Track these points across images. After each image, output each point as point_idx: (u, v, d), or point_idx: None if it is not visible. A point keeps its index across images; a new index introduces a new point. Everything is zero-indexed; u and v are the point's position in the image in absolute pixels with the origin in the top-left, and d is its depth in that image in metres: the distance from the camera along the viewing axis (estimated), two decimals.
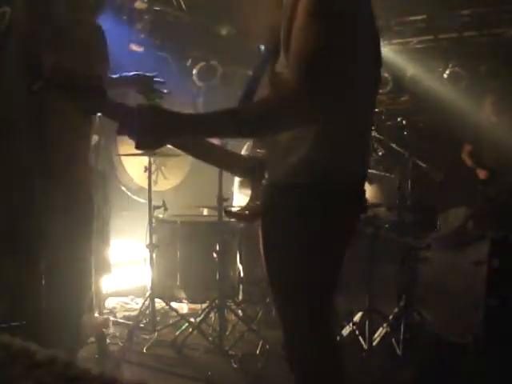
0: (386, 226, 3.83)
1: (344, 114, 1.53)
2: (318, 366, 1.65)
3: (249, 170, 1.74)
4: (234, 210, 2.69)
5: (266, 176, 1.65)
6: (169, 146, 1.62)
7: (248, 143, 3.27)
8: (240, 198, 4.06)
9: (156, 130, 1.42)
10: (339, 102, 1.49)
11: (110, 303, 4.19)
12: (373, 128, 3.72)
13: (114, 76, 2.56)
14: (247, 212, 1.79)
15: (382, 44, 1.71)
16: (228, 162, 1.80)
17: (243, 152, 2.97)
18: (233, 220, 3.36)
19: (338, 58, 1.44)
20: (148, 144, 1.44)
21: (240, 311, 3.73)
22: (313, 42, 1.41)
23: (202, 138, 1.63)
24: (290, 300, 1.65)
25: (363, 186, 1.69)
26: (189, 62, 5.88)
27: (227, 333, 3.49)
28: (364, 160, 1.69)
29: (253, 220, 1.76)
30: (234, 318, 3.65)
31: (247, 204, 1.82)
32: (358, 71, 1.51)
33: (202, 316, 3.54)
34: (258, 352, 3.26)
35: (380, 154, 3.57)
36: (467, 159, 4.85)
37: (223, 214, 3.26)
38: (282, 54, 1.56)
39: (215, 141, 1.77)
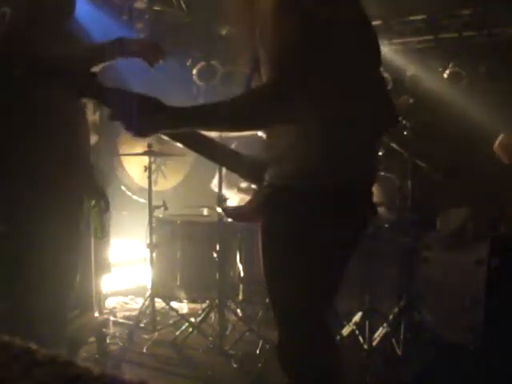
0: (386, 225, 3.83)
1: (337, 114, 1.53)
2: (311, 366, 1.64)
3: (250, 171, 1.74)
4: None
5: (266, 177, 1.66)
6: (178, 144, 1.63)
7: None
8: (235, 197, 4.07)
9: (150, 118, 1.44)
10: (321, 98, 1.50)
11: (110, 303, 4.19)
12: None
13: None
14: (245, 212, 1.80)
15: (381, 44, 1.71)
16: (231, 162, 1.80)
17: None
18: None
19: (312, 54, 1.46)
20: (140, 130, 1.45)
21: (240, 311, 3.73)
22: (283, 41, 1.44)
23: (194, 130, 1.64)
24: (283, 299, 1.66)
25: (365, 187, 1.68)
26: (189, 62, 5.88)
27: (227, 333, 3.48)
28: (365, 162, 1.67)
29: (251, 220, 1.76)
30: (234, 317, 3.65)
31: (247, 204, 1.82)
32: (343, 70, 1.52)
33: (202, 316, 3.55)
34: (257, 352, 3.26)
35: (380, 153, 3.56)
36: (503, 154, 3.96)
37: (223, 213, 3.25)
38: (261, 52, 1.57)
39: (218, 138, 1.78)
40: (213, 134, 1.72)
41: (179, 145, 1.66)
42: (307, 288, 1.61)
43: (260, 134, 1.76)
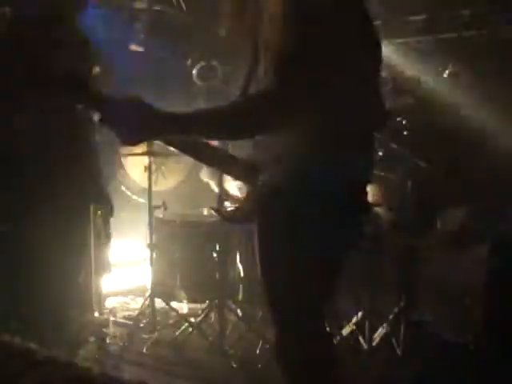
0: (386, 226, 3.83)
1: (332, 117, 1.53)
2: (307, 366, 1.64)
3: (244, 172, 1.74)
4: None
5: (262, 177, 1.65)
6: (171, 147, 1.63)
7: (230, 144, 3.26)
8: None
9: (141, 124, 1.41)
10: (317, 103, 1.49)
11: (110, 303, 4.19)
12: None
13: None
14: (239, 213, 1.81)
15: (382, 44, 1.72)
16: (224, 164, 1.80)
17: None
18: None
19: (312, 60, 1.45)
20: (131, 137, 1.43)
21: (240, 311, 3.73)
22: (285, 44, 1.44)
23: (187, 137, 1.62)
24: (279, 300, 1.66)
25: (360, 189, 1.68)
26: (189, 62, 5.88)
27: (227, 333, 3.48)
28: (362, 163, 1.67)
29: (245, 221, 1.77)
30: (233, 317, 3.65)
31: (240, 205, 1.83)
32: (343, 72, 1.52)
33: (202, 316, 3.54)
34: (257, 352, 3.25)
35: (380, 153, 3.57)
36: None
37: (215, 213, 3.21)
38: (266, 54, 1.57)
39: (213, 142, 1.78)
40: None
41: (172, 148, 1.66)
42: (304, 288, 1.61)
43: None
